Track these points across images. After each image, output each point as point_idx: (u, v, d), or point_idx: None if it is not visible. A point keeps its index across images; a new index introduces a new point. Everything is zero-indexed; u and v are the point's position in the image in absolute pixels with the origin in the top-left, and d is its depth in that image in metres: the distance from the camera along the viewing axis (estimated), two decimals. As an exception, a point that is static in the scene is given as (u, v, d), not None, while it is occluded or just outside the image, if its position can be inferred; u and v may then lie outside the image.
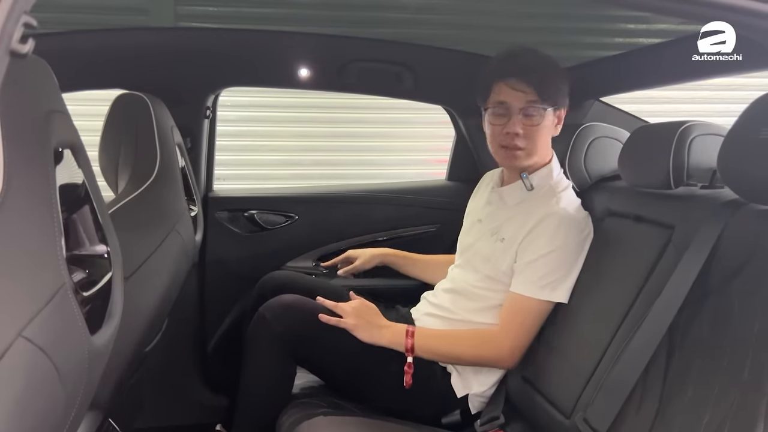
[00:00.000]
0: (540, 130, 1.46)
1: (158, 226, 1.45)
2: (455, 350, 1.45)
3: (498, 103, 1.46)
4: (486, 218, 1.60)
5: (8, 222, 0.61)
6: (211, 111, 2.14)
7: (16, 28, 0.48)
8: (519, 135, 1.44)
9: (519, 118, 1.44)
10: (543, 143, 1.49)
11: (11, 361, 0.60)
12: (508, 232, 1.50)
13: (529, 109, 1.43)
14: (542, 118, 1.44)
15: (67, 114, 0.82)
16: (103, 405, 1.28)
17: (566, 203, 1.48)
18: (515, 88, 1.43)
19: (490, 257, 1.52)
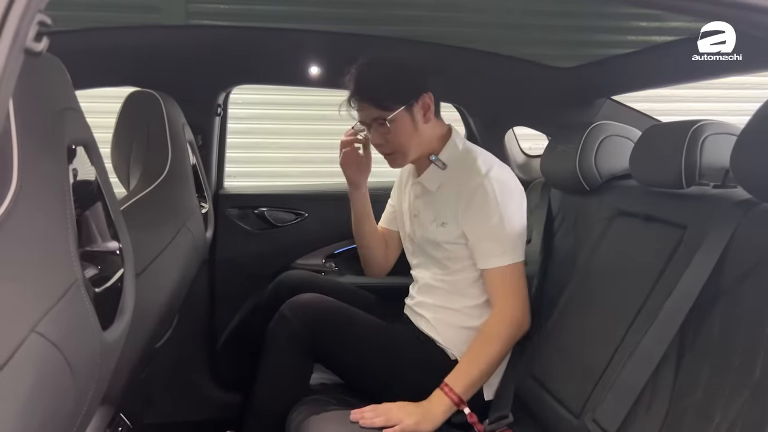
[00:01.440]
0: (398, 135, 1.49)
1: (169, 222, 1.46)
2: (487, 361, 1.43)
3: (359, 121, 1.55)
4: (420, 211, 1.63)
5: (22, 218, 0.61)
6: (222, 108, 2.15)
7: (30, 27, 0.48)
8: (383, 144, 1.52)
9: (375, 130, 1.51)
10: (412, 140, 1.52)
11: (24, 356, 0.61)
12: (446, 215, 1.52)
13: (377, 123, 1.49)
14: (392, 125, 1.47)
15: (80, 111, 0.83)
16: (114, 400, 1.29)
17: (486, 169, 1.49)
18: (358, 109, 1.51)
19: (441, 242, 1.54)
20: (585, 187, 1.68)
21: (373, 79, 1.47)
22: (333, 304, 1.54)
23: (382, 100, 1.45)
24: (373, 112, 1.47)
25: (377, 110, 1.46)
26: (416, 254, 1.69)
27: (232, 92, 2.20)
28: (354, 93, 1.48)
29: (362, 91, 1.47)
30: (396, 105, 1.45)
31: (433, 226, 1.56)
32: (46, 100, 0.73)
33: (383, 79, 1.47)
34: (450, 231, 1.52)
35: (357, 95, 1.48)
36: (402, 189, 1.78)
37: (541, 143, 2.38)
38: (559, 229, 1.82)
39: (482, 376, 1.44)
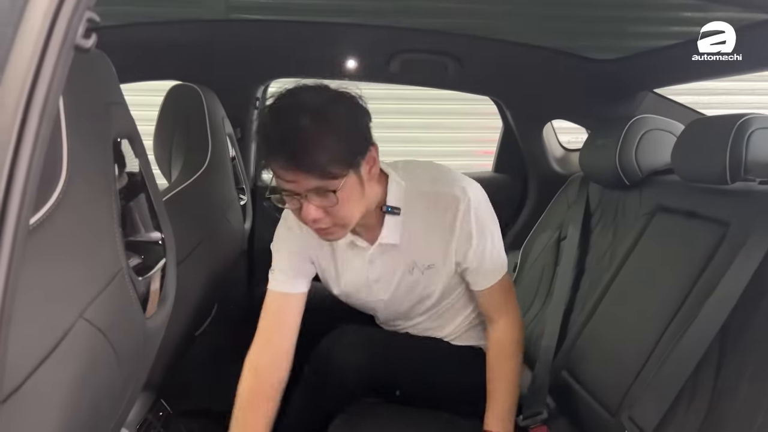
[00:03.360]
0: (345, 204, 1.12)
1: (209, 213, 1.49)
2: (515, 379, 1.37)
3: (280, 187, 1.12)
4: (384, 272, 1.35)
5: (71, 209, 0.64)
6: (260, 102, 2.18)
7: (80, 24, 0.50)
8: (320, 219, 1.13)
9: (310, 203, 1.11)
10: (359, 206, 1.17)
11: (73, 342, 0.63)
12: (429, 257, 1.31)
13: (316, 193, 1.10)
14: (339, 194, 1.09)
15: (125, 105, 0.85)
16: (155, 386, 1.33)
17: (454, 189, 1.26)
18: (289, 179, 1.08)
19: (428, 287, 1.36)
20: (625, 181, 1.65)
21: (311, 142, 1.05)
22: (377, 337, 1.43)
23: (327, 167, 1.06)
24: (312, 182, 1.07)
25: (320, 180, 1.07)
26: (389, 315, 1.47)
27: (270, 85, 2.22)
28: (281, 160, 1.06)
29: (298, 158, 1.05)
30: (344, 170, 1.09)
31: (413, 275, 1.34)
32: (93, 95, 0.76)
33: (325, 139, 1.06)
34: (439, 271, 1.32)
35: (288, 163, 1.06)
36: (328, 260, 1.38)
37: (580, 137, 2.35)
38: (597, 224, 1.79)
39: (516, 393, 1.37)
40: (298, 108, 1.07)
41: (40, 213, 0.59)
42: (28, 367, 0.57)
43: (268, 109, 1.11)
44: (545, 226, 2.01)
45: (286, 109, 1.09)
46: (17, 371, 0.55)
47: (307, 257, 1.36)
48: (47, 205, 0.60)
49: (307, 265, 1.37)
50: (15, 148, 0.43)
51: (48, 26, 0.46)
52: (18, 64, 0.43)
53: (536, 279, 1.90)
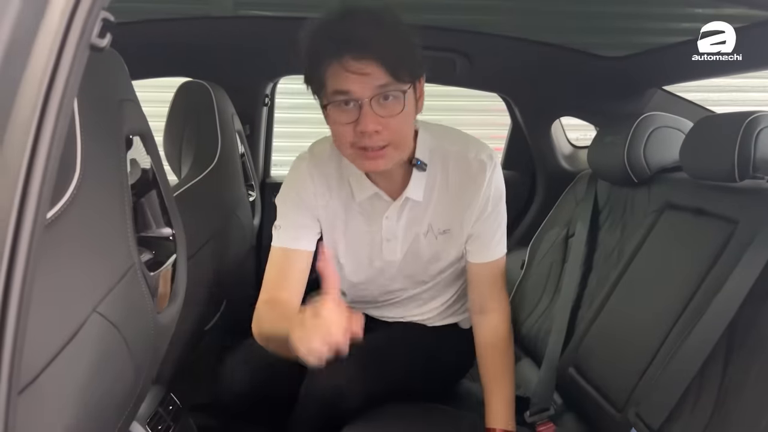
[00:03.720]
0: (404, 117, 1.09)
1: (219, 210, 1.50)
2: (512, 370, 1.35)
3: (339, 93, 1.06)
4: (400, 232, 1.30)
5: (85, 205, 0.65)
6: (269, 98, 2.19)
7: (96, 24, 0.51)
8: (378, 132, 1.07)
9: (371, 109, 1.05)
10: (410, 131, 1.16)
11: (87, 335, 0.65)
12: (447, 221, 1.28)
13: (384, 95, 1.06)
14: (403, 103, 1.07)
15: (137, 102, 0.87)
16: (166, 380, 1.34)
17: (481, 152, 1.25)
18: (357, 71, 1.03)
19: (440, 252, 1.32)
20: (633, 179, 1.65)
21: (389, 33, 1.04)
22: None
23: (399, 64, 1.04)
24: (383, 78, 1.03)
25: (390, 77, 1.04)
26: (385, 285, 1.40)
27: (278, 82, 2.23)
28: (356, 49, 1.02)
29: (376, 45, 1.02)
30: (409, 77, 1.07)
31: (427, 239, 1.30)
32: (106, 92, 0.77)
33: (404, 34, 1.06)
34: (453, 237, 1.30)
35: (365, 52, 1.02)
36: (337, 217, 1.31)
37: (588, 134, 2.34)
38: (606, 221, 1.79)
39: (513, 387, 1.34)
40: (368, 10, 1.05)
41: (55, 209, 0.60)
42: (44, 359, 0.58)
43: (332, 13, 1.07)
44: (553, 223, 2.01)
45: (355, 9, 1.05)
46: (33, 363, 0.56)
47: (313, 214, 1.29)
48: (62, 201, 0.61)
49: (313, 221, 1.30)
50: (33, 144, 0.44)
51: (65, 26, 0.47)
52: (36, 63, 0.44)
53: (544, 276, 1.90)
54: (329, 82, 1.06)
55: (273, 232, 1.29)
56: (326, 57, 1.04)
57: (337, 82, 1.05)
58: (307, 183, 1.27)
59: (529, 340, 1.80)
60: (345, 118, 1.07)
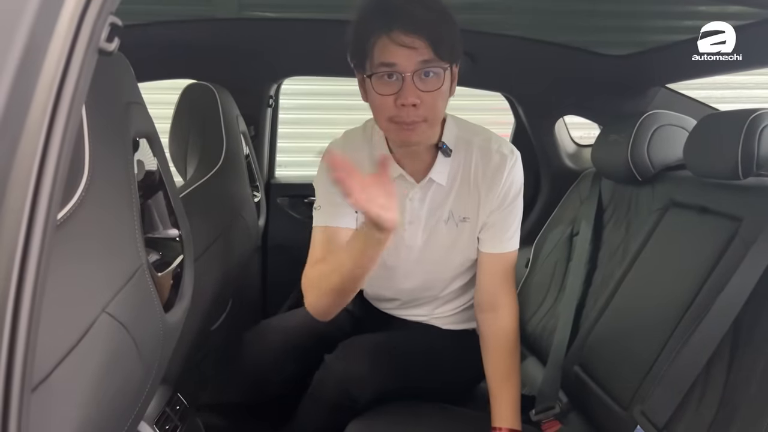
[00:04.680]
0: (441, 95, 1.16)
1: (224, 210, 1.51)
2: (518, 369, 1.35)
3: (384, 65, 1.12)
4: (423, 215, 1.34)
5: (93, 206, 0.66)
6: (273, 100, 2.20)
7: (104, 28, 0.51)
8: (416, 105, 1.13)
9: (413, 83, 1.12)
10: (443, 109, 1.21)
11: (96, 335, 0.65)
12: (466, 208, 1.32)
13: (426, 70, 1.12)
14: (441, 80, 1.14)
15: (143, 105, 0.87)
16: (173, 380, 1.35)
17: (503, 145, 1.31)
18: (405, 44, 1.10)
19: (458, 242, 1.34)
20: (637, 177, 1.65)
21: (438, 14, 1.12)
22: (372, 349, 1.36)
23: (444, 43, 1.11)
24: (427, 54, 1.10)
25: (434, 55, 1.11)
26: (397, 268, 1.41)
27: (283, 83, 2.24)
28: (410, 23, 1.09)
29: (425, 23, 1.09)
30: (451, 57, 1.14)
31: (448, 226, 1.33)
32: (113, 95, 0.78)
33: (449, 17, 1.14)
34: (471, 225, 1.33)
35: (414, 27, 1.09)
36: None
37: (592, 132, 2.34)
38: (610, 220, 1.79)
39: (519, 386, 1.33)
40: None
41: (64, 210, 0.61)
42: (55, 358, 0.59)
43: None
44: (558, 221, 2.01)
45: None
46: (45, 362, 0.57)
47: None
48: (71, 203, 0.62)
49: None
50: (44, 146, 0.45)
51: (74, 30, 0.47)
52: (47, 68, 0.45)
53: (549, 275, 1.90)
54: (376, 53, 1.13)
55: (313, 213, 1.36)
56: (376, 29, 1.11)
57: (384, 54, 1.12)
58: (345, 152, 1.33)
59: (534, 338, 1.81)
60: (387, 89, 1.14)
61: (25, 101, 0.43)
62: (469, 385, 1.52)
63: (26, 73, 0.43)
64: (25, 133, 0.43)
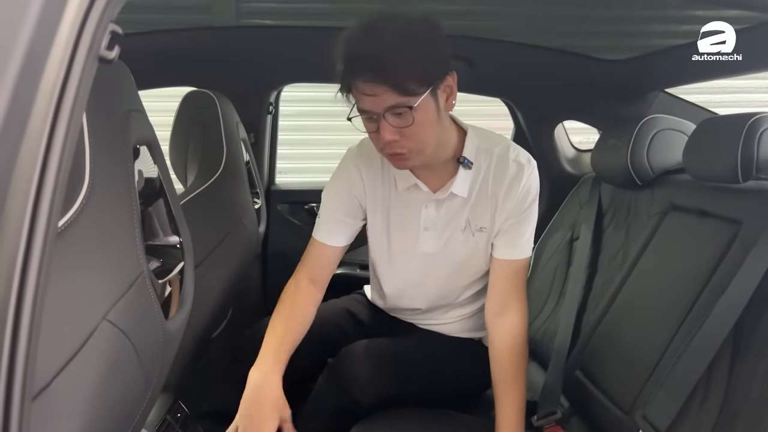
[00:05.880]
0: (421, 126, 1.15)
1: (225, 217, 1.51)
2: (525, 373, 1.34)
3: (360, 110, 1.17)
4: (439, 223, 1.35)
5: (94, 214, 0.66)
6: (273, 106, 2.20)
7: (104, 36, 0.52)
8: (396, 141, 1.16)
9: (388, 122, 1.13)
10: (434, 133, 1.20)
11: (97, 342, 0.65)
12: (483, 218, 1.33)
13: (393, 112, 1.12)
14: (414, 115, 1.12)
15: (144, 112, 0.88)
16: (174, 388, 1.35)
17: (520, 154, 1.33)
18: (366, 93, 1.11)
19: (475, 251, 1.36)
20: (637, 181, 1.65)
21: (395, 54, 1.07)
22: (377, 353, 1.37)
23: (407, 81, 1.09)
24: (391, 99, 1.10)
25: (398, 96, 1.09)
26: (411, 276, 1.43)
27: (282, 90, 2.25)
28: (364, 73, 1.09)
29: (381, 70, 1.07)
30: (422, 88, 1.11)
31: (464, 235, 1.34)
32: (113, 103, 0.78)
33: (408, 53, 1.08)
34: (486, 235, 1.34)
35: (371, 76, 1.08)
36: (379, 199, 1.39)
37: (592, 137, 2.35)
38: (610, 224, 1.80)
39: (525, 392, 1.32)
40: (382, 24, 1.10)
41: (65, 218, 0.61)
42: (56, 366, 0.58)
43: (352, 30, 1.12)
44: (557, 226, 2.01)
45: (369, 26, 1.10)
46: (46, 370, 0.57)
47: (356, 202, 1.39)
48: (71, 211, 0.62)
49: (352, 215, 1.40)
50: (44, 154, 0.45)
51: (74, 38, 0.48)
52: (48, 75, 0.45)
53: (549, 279, 1.90)
54: (353, 99, 1.17)
55: (317, 220, 1.41)
56: (344, 78, 1.14)
57: (357, 100, 1.16)
58: (353, 174, 1.37)
59: (535, 343, 1.80)
60: (370, 128, 1.19)
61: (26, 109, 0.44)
62: (472, 393, 1.51)
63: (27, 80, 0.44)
64: (25, 141, 0.43)
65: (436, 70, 1.14)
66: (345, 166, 1.40)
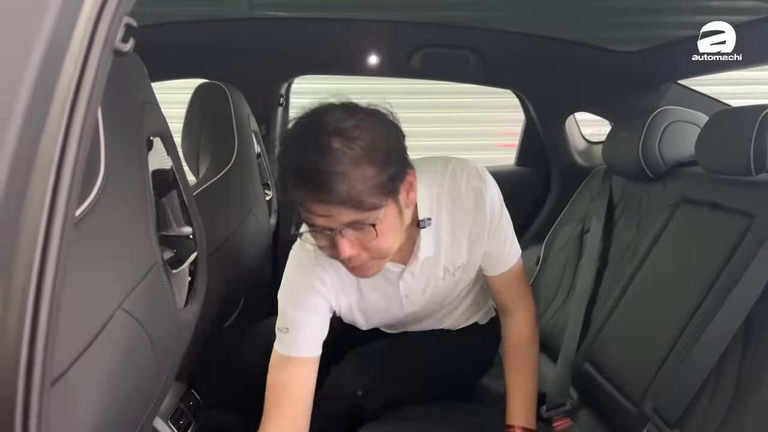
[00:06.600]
0: (383, 237, 1.00)
1: (237, 209, 1.52)
2: (535, 368, 1.35)
3: (311, 226, 1.00)
4: (417, 287, 1.26)
5: (109, 204, 0.67)
6: (284, 98, 2.21)
7: (119, 29, 0.52)
8: (356, 255, 1.01)
9: (346, 238, 0.98)
10: (397, 238, 1.06)
11: (112, 331, 0.66)
12: (461, 257, 1.24)
13: (352, 228, 0.98)
14: (374, 232, 0.98)
15: (157, 104, 0.89)
16: (187, 376, 1.36)
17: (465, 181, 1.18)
18: (321, 214, 0.95)
19: (459, 282, 1.30)
20: (648, 174, 1.65)
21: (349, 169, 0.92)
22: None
23: (364, 197, 0.93)
24: (348, 215, 0.95)
25: (356, 213, 0.95)
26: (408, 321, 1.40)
27: (293, 82, 2.25)
28: (314, 193, 0.93)
29: (331, 190, 0.91)
30: (382, 200, 0.97)
31: (445, 281, 1.27)
32: (128, 95, 0.79)
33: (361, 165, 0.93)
34: (469, 266, 1.27)
35: (321, 196, 0.93)
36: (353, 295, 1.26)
37: (603, 129, 2.34)
38: (621, 217, 1.79)
39: (535, 385, 1.34)
40: (324, 131, 0.92)
41: (81, 208, 0.62)
42: (73, 354, 0.60)
43: (289, 134, 0.98)
44: (568, 219, 2.01)
45: (311, 133, 0.94)
46: (63, 357, 0.58)
47: (328, 308, 1.22)
48: (87, 201, 0.63)
49: (323, 317, 1.21)
50: (62, 145, 0.46)
51: (90, 31, 0.48)
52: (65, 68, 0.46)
53: (559, 272, 1.90)
54: (299, 211, 0.99)
55: (277, 332, 1.19)
56: (291, 191, 0.96)
57: (306, 216, 0.98)
58: (318, 270, 1.18)
59: (544, 336, 1.80)
60: (321, 242, 1.03)
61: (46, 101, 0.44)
62: (474, 376, 1.53)
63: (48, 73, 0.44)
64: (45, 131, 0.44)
65: (394, 175, 0.97)
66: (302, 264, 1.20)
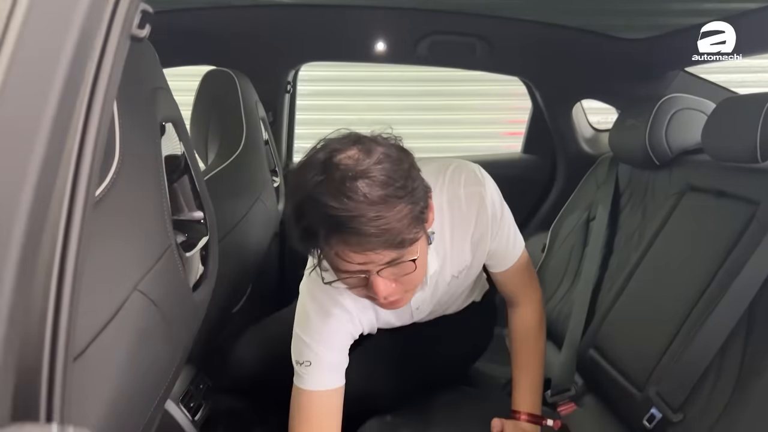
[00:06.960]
0: (421, 267, 0.99)
1: (245, 195, 1.54)
2: (542, 356, 1.37)
3: (342, 272, 0.95)
4: (426, 298, 1.26)
5: (124, 189, 0.68)
6: (291, 85, 2.22)
7: (135, 15, 0.53)
8: (393, 291, 0.98)
9: (382, 277, 0.95)
10: (425, 268, 1.04)
11: (128, 312, 0.68)
12: (464, 260, 1.22)
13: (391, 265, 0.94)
14: (414, 265, 0.96)
15: (169, 90, 0.90)
16: (197, 360, 1.39)
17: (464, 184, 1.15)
18: (359, 261, 0.91)
19: (465, 281, 1.30)
20: (655, 161, 1.65)
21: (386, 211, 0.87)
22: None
23: (404, 234, 0.90)
24: (388, 255, 0.92)
25: (397, 251, 0.92)
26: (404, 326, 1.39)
27: (300, 69, 2.26)
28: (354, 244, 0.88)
29: (373, 235, 0.87)
30: (419, 232, 0.95)
31: (450, 286, 1.27)
32: (141, 81, 0.80)
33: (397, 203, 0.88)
34: (473, 267, 1.25)
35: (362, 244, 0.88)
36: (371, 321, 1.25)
37: (610, 117, 2.34)
38: (627, 204, 1.80)
39: (542, 372, 1.35)
40: (347, 176, 0.86)
41: (98, 190, 0.63)
42: (91, 333, 0.61)
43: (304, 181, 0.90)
44: (574, 206, 2.02)
45: (332, 181, 0.87)
46: (81, 337, 0.59)
47: (350, 334, 1.19)
48: (103, 184, 0.64)
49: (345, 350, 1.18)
50: (83, 128, 0.47)
51: (109, 17, 0.50)
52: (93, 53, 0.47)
53: (565, 259, 1.91)
54: (330, 259, 0.94)
55: (297, 368, 1.13)
56: (321, 242, 0.90)
57: (337, 263, 0.93)
58: (338, 298, 1.15)
59: (550, 322, 1.80)
60: (353, 282, 0.98)
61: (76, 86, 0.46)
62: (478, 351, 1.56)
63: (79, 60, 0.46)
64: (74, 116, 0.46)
65: (422, 202, 0.94)
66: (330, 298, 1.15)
